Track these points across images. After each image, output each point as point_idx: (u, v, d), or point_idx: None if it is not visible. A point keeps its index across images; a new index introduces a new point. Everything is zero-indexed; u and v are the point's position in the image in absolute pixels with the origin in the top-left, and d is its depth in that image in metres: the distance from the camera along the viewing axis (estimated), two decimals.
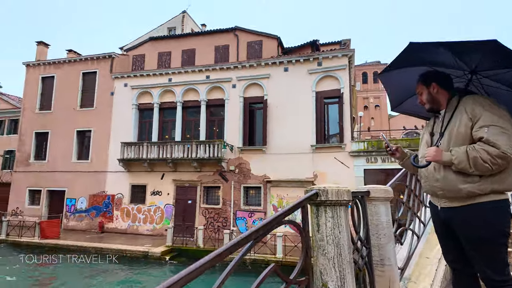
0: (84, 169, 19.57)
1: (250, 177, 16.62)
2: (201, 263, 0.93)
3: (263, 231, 1.20)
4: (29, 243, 15.63)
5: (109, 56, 20.44)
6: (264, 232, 1.21)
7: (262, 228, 1.19)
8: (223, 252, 1.01)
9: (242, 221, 16.23)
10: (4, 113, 26.96)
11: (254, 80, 17.42)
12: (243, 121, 17.28)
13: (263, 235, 1.21)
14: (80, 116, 20.35)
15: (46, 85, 21.70)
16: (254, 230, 1.16)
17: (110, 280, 11.23)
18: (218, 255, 1.00)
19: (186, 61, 20.11)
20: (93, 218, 18.80)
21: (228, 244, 1.05)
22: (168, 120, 19.23)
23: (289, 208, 1.39)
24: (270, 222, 1.24)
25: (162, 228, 17.19)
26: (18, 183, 20.88)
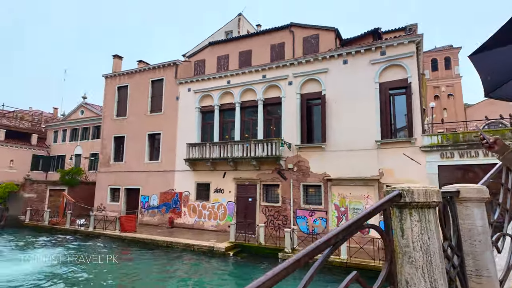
0: (155, 169, 21.36)
1: (309, 175, 16.29)
2: (281, 268, 0.86)
3: (343, 235, 1.09)
4: (112, 235, 17.60)
5: (173, 64, 21.93)
6: (344, 237, 1.10)
7: (342, 232, 1.08)
8: (302, 257, 0.94)
9: (303, 220, 15.99)
10: (89, 120, 30.89)
11: (311, 76, 17.01)
12: (300, 118, 17.00)
13: (343, 240, 1.10)
14: (150, 120, 22.25)
15: (121, 93, 24.21)
16: (334, 234, 1.05)
17: (179, 271, 12.03)
18: (297, 260, 0.92)
19: (243, 62, 20.54)
20: (164, 214, 20.40)
21: (308, 248, 0.96)
22: (228, 121, 19.89)
23: (370, 211, 1.25)
24: (350, 226, 1.12)
25: (225, 224, 17.85)
26: (101, 182, 23.69)
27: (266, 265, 12.84)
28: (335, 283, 10.48)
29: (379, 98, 15.19)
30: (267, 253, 13.83)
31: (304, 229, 15.69)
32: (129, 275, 11.78)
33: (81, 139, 31.27)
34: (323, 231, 14.97)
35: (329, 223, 15.22)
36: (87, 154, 30.07)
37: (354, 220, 1.14)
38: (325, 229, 15.19)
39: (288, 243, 13.15)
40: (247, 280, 11.35)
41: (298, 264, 0.92)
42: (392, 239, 1.33)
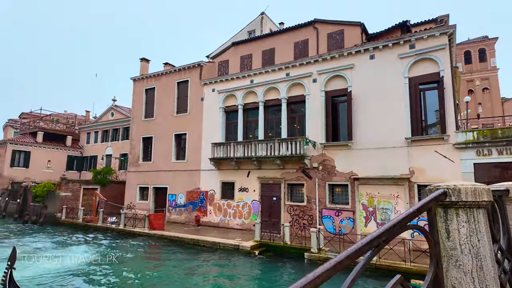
0: (181, 168, 21.84)
1: (335, 174, 15.96)
2: (322, 270, 0.81)
3: (385, 237, 1.02)
4: (141, 233, 18.20)
5: (198, 65, 22.30)
6: (387, 238, 1.02)
7: (385, 234, 1.01)
8: (344, 260, 0.88)
9: (329, 220, 15.69)
10: (118, 122, 32.17)
11: (336, 72, 16.64)
12: (325, 116, 16.69)
13: (385, 242, 1.02)
14: (176, 121, 22.78)
15: (148, 95, 24.96)
16: (376, 235, 0.98)
17: (206, 268, 12.20)
18: (339, 262, 0.86)
19: (266, 61, 20.50)
20: (190, 212, 20.81)
21: (349, 250, 0.90)
22: (251, 120, 19.93)
23: (414, 211, 1.16)
24: (392, 227, 1.05)
25: (250, 223, 17.91)
26: (131, 181, 24.58)
27: (293, 265, 12.73)
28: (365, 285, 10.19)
29: (408, 94, 14.59)
30: (293, 252, 13.71)
31: (330, 229, 15.40)
32: (157, 272, 12.12)
33: (112, 140, 32.65)
34: (351, 232, 14.61)
35: (357, 223, 14.83)
36: (117, 154, 31.35)
37: (397, 220, 1.06)
38: (352, 229, 14.82)
39: (314, 243, 12.96)
40: (274, 279, 11.31)
41: (340, 266, 0.86)
42: (437, 241, 1.23)
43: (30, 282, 10.23)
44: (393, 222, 1.05)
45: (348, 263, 0.90)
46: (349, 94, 15.94)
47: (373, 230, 13.81)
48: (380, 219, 14.29)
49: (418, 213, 1.19)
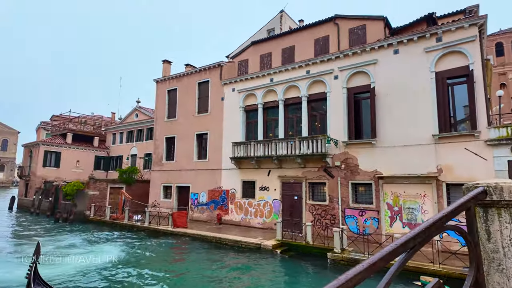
0: (203, 167, 22.16)
1: (358, 173, 15.59)
2: (355, 272, 0.77)
3: (421, 238, 0.95)
4: (165, 231, 18.63)
5: (218, 65, 22.51)
6: (423, 240, 0.96)
7: (421, 234, 0.95)
8: (377, 261, 0.83)
9: (352, 220, 15.37)
10: (142, 123, 33.10)
11: (358, 68, 16.25)
12: (347, 113, 16.34)
13: (421, 243, 0.96)
14: (198, 121, 23.12)
15: (171, 96, 25.49)
16: (411, 236, 0.93)
17: (228, 266, 12.31)
18: (373, 264, 0.82)
19: (286, 59, 20.36)
20: (212, 210, 21.07)
21: (382, 252, 0.86)
22: (271, 119, 19.87)
23: (450, 211, 1.09)
24: (429, 227, 0.98)
25: (271, 222, 17.88)
26: (155, 180, 25.22)
27: (315, 264, 12.58)
28: None
29: (435, 89, 13.99)
30: (315, 252, 13.54)
31: (353, 229, 15.08)
32: (181, 270, 12.35)
33: (136, 140, 33.66)
34: (375, 232, 14.23)
35: (382, 223, 14.43)
36: (141, 154, 32.28)
37: (434, 221, 1.00)
38: (377, 229, 14.43)
39: (337, 243, 12.74)
40: (297, 278, 11.22)
41: (374, 269, 0.82)
42: (477, 243, 1.15)
43: (59, 278, 10.73)
44: (429, 222, 0.99)
45: (381, 265, 0.85)
46: (372, 90, 15.51)
47: (398, 230, 13.43)
48: (406, 219, 13.82)
49: (456, 213, 1.11)
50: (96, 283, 10.33)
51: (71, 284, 10.10)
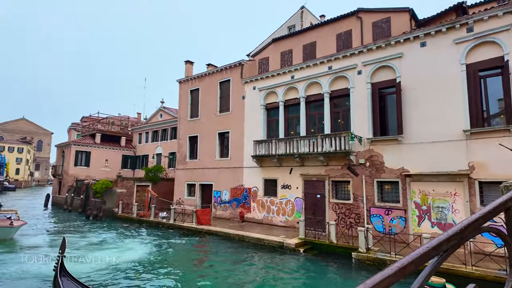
0: (225, 166, 22.39)
1: (384, 171, 15.14)
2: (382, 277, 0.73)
3: (455, 240, 0.89)
4: (189, 228, 19.03)
5: (239, 64, 22.62)
6: (457, 242, 0.90)
7: (455, 237, 0.89)
8: (407, 265, 0.78)
9: (378, 219, 14.96)
10: (167, 123, 33.93)
11: (383, 63, 15.74)
12: (372, 109, 15.89)
13: (456, 246, 0.90)
14: (219, 120, 23.38)
15: (193, 96, 25.94)
16: (445, 238, 0.87)
17: (251, 264, 12.37)
18: (402, 268, 0.77)
19: (307, 55, 20.10)
20: (235, 208, 21.26)
21: (412, 255, 0.81)
22: (292, 117, 19.71)
23: (488, 211, 1.02)
24: (464, 229, 0.92)
25: (294, 220, 17.77)
26: (179, 178, 25.79)
27: (340, 264, 12.37)
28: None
29: (466, 82, 13.28)
30: (339, 252, 13.31)
31: (379, 228, 14.68)
32: (206, 267, 12.56)
33: (161, 140, 34.58)
34: (402, 231, 13.77)
35: (409, 222, 13.94)
36: (166, 153, 33.13)
37: (470, 221, 0.93)
38: (404, 229, 13.96)
39: (362, 242, 12.45)
40: (321, 278, 11.09)
41: (403, 273, 0.77)
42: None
43: (89, 273, 11.23)
44: (465, 223, 0.93)
45: (411, 269, 0.80)
46: (398, 85, 14.98)
47: (427, 230, 12.93)
48: (435, 219, 13.26)
49: (494, 214, 1.04)
50: (123, 279, 10.72)
51: (100, 279, 10.55)
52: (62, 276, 7.69)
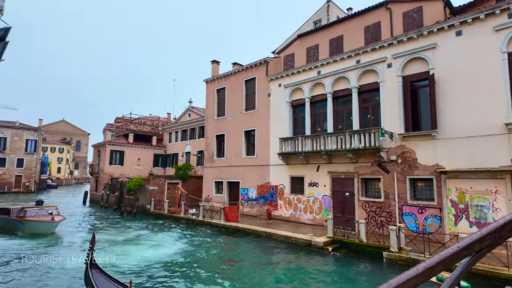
0: (251, 163, 22.53)
1: (416, 168, 14.48)
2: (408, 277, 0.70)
3: (489, 240, 0.83)
4: (218, 224, 19.37)
5: (264, 62, 22.59)
6: (492, 243, 0.84)
7: (490, 236, 0.83)
8: (435, 265, 0.74)
9: (411, 217, 14.35)
10: (195, 122, 34.71)
11: (414, 54, 15.01)
12: (403, 103, 15.23)
13: (490, 247, 0.84)
14: (245, 118, 23.53)
15: (220, 95, 26.31)
16: (477, 238, 0.81)
17: (279, 261, 12.37)
18: (430, 268, 0.74)
19: (334, 50, 19.66)
20: (262, 206, 21.34)
21: (441, 254, 0.77)
22: (319, 113, 19.38)
23: None
24: (500, 228, 0.85)
25: (322, 218, 17.52)
26: (207, 176, 26.32)
27: (370, 263, 12.03)
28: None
29: (508, 71, 12.34)
30: (370, 251, 12.94)
31: (412, 227, 14.08)
32: (234, 263, 12.74)
33: (190, 139, 35.46)
34: (437, 231, 13.11)
35: (445, 221, 13.24)
36: (195, 151, 33.93)
37: (506, 221, 0.87)
38: (439, 228, 13.29)
39: (394, 242, 12.02)
40: (351, 277, 10.86)
41: (430, 273, 0.73)
42: None
43: (123, 268, 11.78)
44: (501, 222, 0.86)
45: (440, 270, 0.76)
46: (431, 77, 14.23)
47: (465, 230, 12.22)
48: (474, 218, 12.49)
49: None
50: (157, 273, 11.14)
51: (134, 273, 11.04)
52: (92, 269, 8.12)
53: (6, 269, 11.10)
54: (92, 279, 7.58)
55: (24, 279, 10.11)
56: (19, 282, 9.82)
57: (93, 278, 7.60)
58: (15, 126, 50.11)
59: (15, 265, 11.59)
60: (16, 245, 14.66)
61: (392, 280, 0.71)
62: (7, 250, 13.62)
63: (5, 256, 12.78)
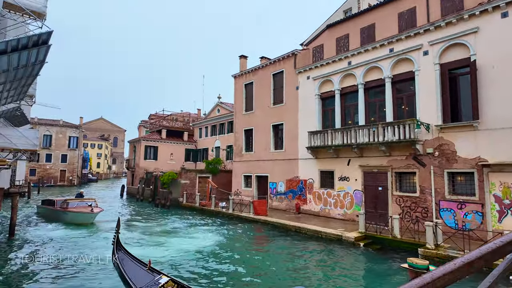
0: (280, 157, 22.45)
1: (455, 161, 13.62)
2: (443, 272, 0.64)
3: None
4: (247, 217, 19.59)
5: (292, 54, 22.28)
6: None
7: None
8: (475, 260, 0.67)
9: (449, 213, 13.57)
10: (223, 117, 35.19)
11: (454, 40, 14.04)
12: (441, 93, 14.34)
13: None
14: (273, 112, 23.44)
15: (248, 90, 26.40)
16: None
17: (309, 256, 12.27)
18: (468, 263, 0.67)
19: (365, 39, 18.91)
20: (291, 200, 21.25)
21: (481, 249, 0.70)
22: (349, 105, 18.82)
23: None
24: None
25: (353, 213, 17.10)
26: (236, 170, 26.65)
27: (405, 260, 11.56)
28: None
29: None
30: (404, 247, 12.44)
31: (450, 223, 13.32)
32: (264, 256, 12.84)
33: (219, 134, 36.05)
34: (479, 228, 12.30)
35: (487, 218, 12.37)
36: (224, 146, 34.46)
37: None
38: (481, 224, 12.45)
39: (430, 238, 11.45)
40: (384, 273, 10.54)
41: (469, 269, 0.66)
42: None
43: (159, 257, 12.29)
44: None
45: (480, 265, 0.69)
46: (472, 64, 13.25)
47: (510, 227, 11.39)
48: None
49: None
50: (189, 264, 11.52)
51: (170, 262, 11.50)
52: (118, 250, 9.19)
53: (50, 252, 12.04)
54: (117, 257, 8.60)
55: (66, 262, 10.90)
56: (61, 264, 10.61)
57: (118, 257, 8.60)
58: (59, 124, 53.86)
59: (58, 249, 12.54)
60: (61, 233, 15.86)
61: (426, 275, 0.66)
62: (54, 238, 14.77)
63: (49, 242, 13.88)
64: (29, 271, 10.29)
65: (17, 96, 15.80)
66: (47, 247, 13.19)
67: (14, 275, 9.89)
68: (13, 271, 10.30)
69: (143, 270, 7.90)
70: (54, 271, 10.07)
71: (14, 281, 9.46)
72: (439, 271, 0.66)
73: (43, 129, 50.80)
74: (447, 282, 0.66)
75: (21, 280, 9.51)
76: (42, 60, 10.62)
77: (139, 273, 7.74)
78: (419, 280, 0.65)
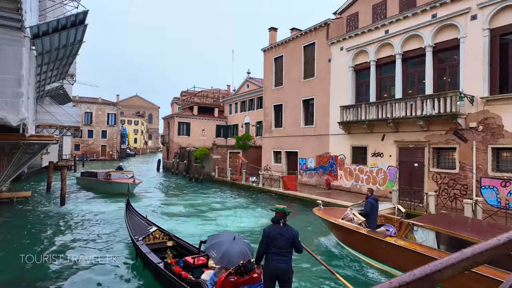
0: (310, 133, 22.15)
1: (502, 136, 12.63)
2: (486, 247, 0.60)
3: None
4: (277, 192, 19.89)
5: (324, 24, 21.24)
6: None
7: None
8: (509, 242, 0.63)
9: (491, 191, 12.80)
10: (253, 93, 35.03)
11: (508, 1, 12.55)
12: (489, 61, 13.09)
13: None
14: (304, 86, 22.88)
15: (277, 64, 25.85)
16: None
17: None
18: (501, 245, 0.63)
19: (405, 5, 17.49)
20: (321, 176, 21.14)
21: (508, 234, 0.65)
22: (385, 77, 17.84)
23: None
24: None
25: (386, 190, 16.71)
26: (266, 146, 26.79)
27: None
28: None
29: None
30: None
31: (492, 201, 12.60)
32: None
33: (249, 110, 36.12)
34: None
35: None
36: (253, 122, 34.59)
37: None
38: None
39: (468, 215, 10.95)
40: None
41: (501, 250, 0.62)
42: None
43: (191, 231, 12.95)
44: None
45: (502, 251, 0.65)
46: None
47: None
48: None
49: None
50: None
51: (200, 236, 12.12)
52: (128, 210, 10.65)
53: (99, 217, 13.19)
54: (126, 215, 10.25)
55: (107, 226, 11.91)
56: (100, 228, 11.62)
57: (127, 214, 10.27)
58: (98, 102, 56.81)
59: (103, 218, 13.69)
60: (104, 202, 17.22)
61: (467, 249, 0.63)
62: (99, 207, 16.09)
63: (96, 211, 15.16)
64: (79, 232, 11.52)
65: (60, 75, 16.77)
66: (95, 214, 14.46)
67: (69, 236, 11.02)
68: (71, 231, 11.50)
69: (142, 222, 9.80)
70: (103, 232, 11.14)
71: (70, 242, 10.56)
72: (482, 246, 0.63)
73: (84, 107, 53.88)
74: (488, 258, 0.63)
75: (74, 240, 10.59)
76: (80, 39, 11.08)
77: (138, 224, 9.62)
78: (460, 255, 0.62)
